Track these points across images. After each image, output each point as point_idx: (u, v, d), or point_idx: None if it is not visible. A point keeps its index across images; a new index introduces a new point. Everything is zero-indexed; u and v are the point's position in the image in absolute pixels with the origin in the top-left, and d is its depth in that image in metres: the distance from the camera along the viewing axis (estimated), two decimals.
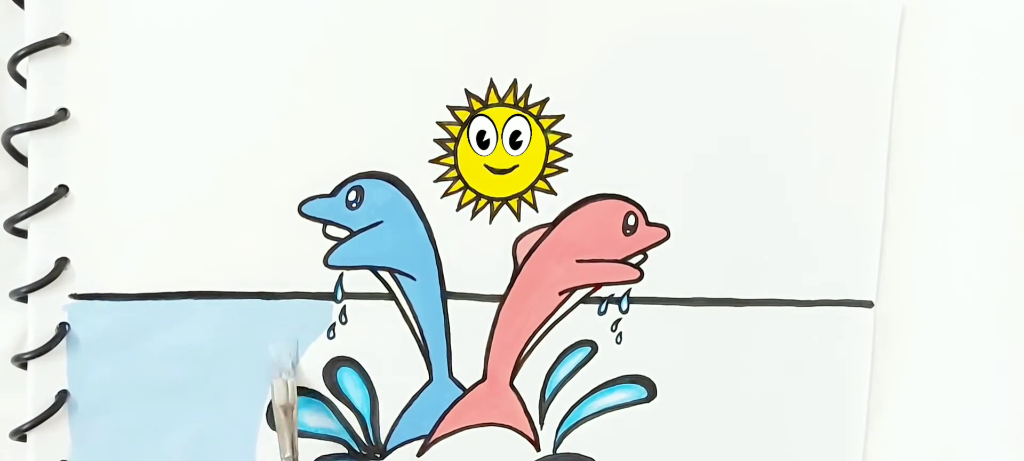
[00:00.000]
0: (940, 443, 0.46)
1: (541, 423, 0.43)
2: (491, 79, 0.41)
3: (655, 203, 0.42)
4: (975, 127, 0.44)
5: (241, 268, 0.40)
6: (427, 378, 0.42)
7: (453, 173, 0.41)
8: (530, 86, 0.41)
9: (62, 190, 0.39)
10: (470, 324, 0.42)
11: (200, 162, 0.39)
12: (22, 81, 0.38)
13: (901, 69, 0.43)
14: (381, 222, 0.41)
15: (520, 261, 0.42)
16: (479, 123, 0.41)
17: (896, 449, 0.45)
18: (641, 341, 0.43)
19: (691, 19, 0.42)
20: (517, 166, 0.41)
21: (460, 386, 0.42)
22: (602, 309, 0.43)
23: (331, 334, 0.41)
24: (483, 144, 0.41)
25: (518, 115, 0.41)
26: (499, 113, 0.41)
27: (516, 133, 0.41)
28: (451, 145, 0.41)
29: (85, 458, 0.40)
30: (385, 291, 0.41)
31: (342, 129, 0.40)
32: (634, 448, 0.44)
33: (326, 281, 0.41)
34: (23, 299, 0.39)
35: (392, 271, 0.41)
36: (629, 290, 0.43)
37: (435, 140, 0.41)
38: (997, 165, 0.44)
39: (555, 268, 0.42)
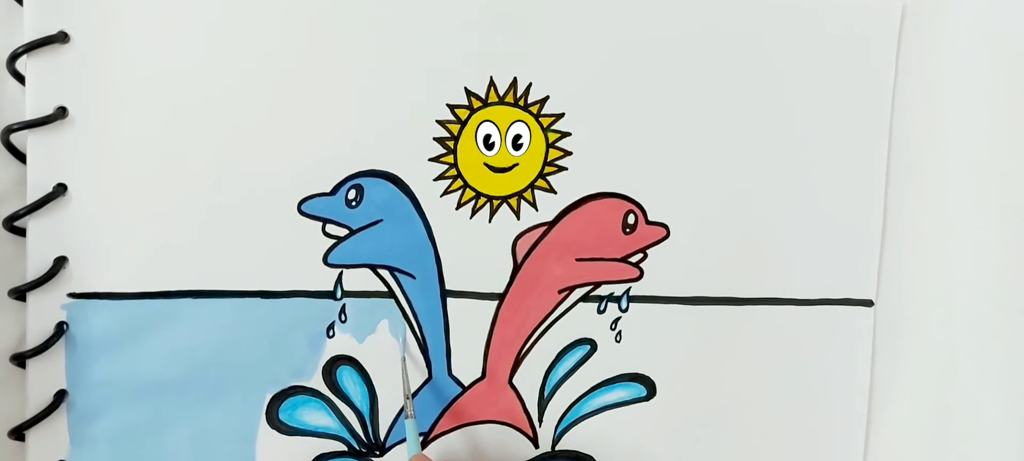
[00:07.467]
0: (940, 442, 0.46)
1: (540, 421, 0.43)
2: (491, 78, 0.41)
3: (655, 201, 0.42)
4: (975, 127, 0.44)
5: (240, 267, 0.40)
6: (426, 376, 0.42)
7: (453, 172, 0.41)
8: (530, 85, 0.41)
9: (61, 189, 0.38)
10: (469, 322, 0.42)
11: (199, 161, 0.39)
12: (21, 79, 0.38)
13: (901, 69, 0.43)
14: (381, 220, 0.41)
15: (520, 259, 0.42)
16: (486, 129, 0.41)
17: (896, 448, 0.45)
18: (640, 339, 0.43)
19: (690, 19, 0.42)
20: (517, 164, 0.41)
21: (459, 384, 0.42)
22: (601, 307, 0.43)
23: (330, 333, 0.41)
24: (489, 146, 0.41)
25: (520, 120, 0.41)
26: (502, 115, 0.41)
27: (518, 136, 0.41)
28: (451, 144, 0.41)
29: (83, 457, 0.40)
30: (385, 289, 0.41)
31: (342, 128, 0.40)
32: (633, 446, 0.44)
33: (326, 280, 0.41)
34: (21, 297, 0.39)
35: (392, 269, 0.41)
36: (629, 288, 0.43)
37: (435, 138, 0.41)
38: (997, 165, 0.45)
39: (554, 266, 0.42)
